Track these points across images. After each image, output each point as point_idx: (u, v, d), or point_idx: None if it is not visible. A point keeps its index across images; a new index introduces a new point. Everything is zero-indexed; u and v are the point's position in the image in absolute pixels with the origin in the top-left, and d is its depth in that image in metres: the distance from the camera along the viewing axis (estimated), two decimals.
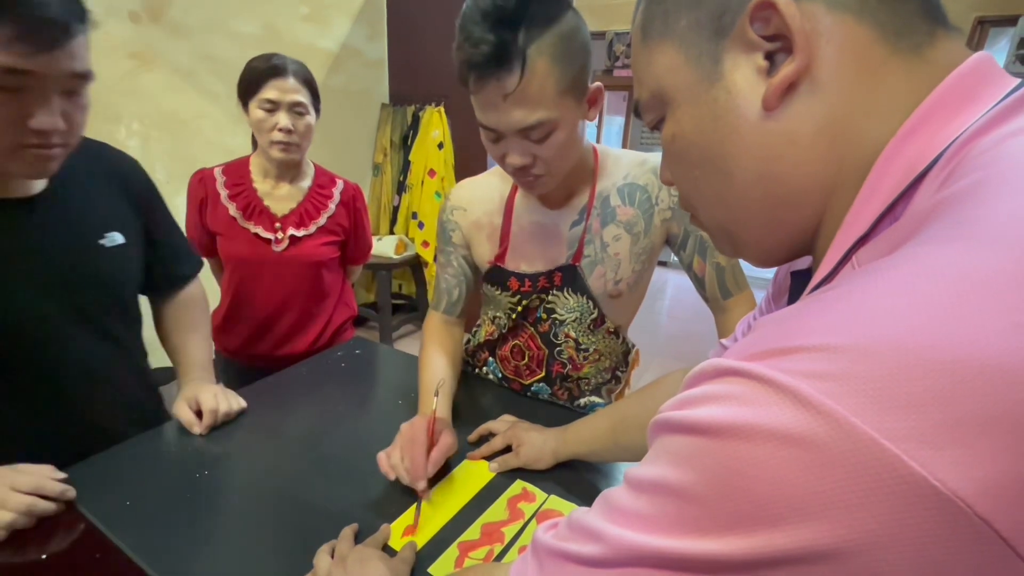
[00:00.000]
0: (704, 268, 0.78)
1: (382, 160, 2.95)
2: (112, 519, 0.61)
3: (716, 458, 0.21)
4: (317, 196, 1.20)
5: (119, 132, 1.85)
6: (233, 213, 1.12)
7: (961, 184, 0.22)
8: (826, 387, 0.19)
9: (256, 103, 1.05)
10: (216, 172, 1.15)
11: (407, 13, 2.79)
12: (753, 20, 0.29)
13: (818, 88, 0.28)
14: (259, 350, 1.22)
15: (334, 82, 2.63)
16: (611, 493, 0.27)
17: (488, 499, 0.67)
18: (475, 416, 0.84)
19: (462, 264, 0.90)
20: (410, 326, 3.13)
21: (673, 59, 0.33)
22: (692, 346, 3.18)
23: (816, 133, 0.28)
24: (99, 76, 1.12)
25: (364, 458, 0.73)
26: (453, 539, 0.61)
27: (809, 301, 0.23)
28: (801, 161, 0.29)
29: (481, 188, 0.87)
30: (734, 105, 0.30)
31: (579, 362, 0.87)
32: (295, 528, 0.62)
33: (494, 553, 0.59)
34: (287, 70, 1.05)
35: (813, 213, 0.31)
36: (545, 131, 0.64)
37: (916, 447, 0.17)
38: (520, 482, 0.71)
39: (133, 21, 1.83)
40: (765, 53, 0.29)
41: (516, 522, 0.64)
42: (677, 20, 0.32)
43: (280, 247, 1.14)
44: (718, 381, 0.23)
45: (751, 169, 0.31)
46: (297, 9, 2.38)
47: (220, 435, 0.79)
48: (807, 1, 0.28)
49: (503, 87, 0.61)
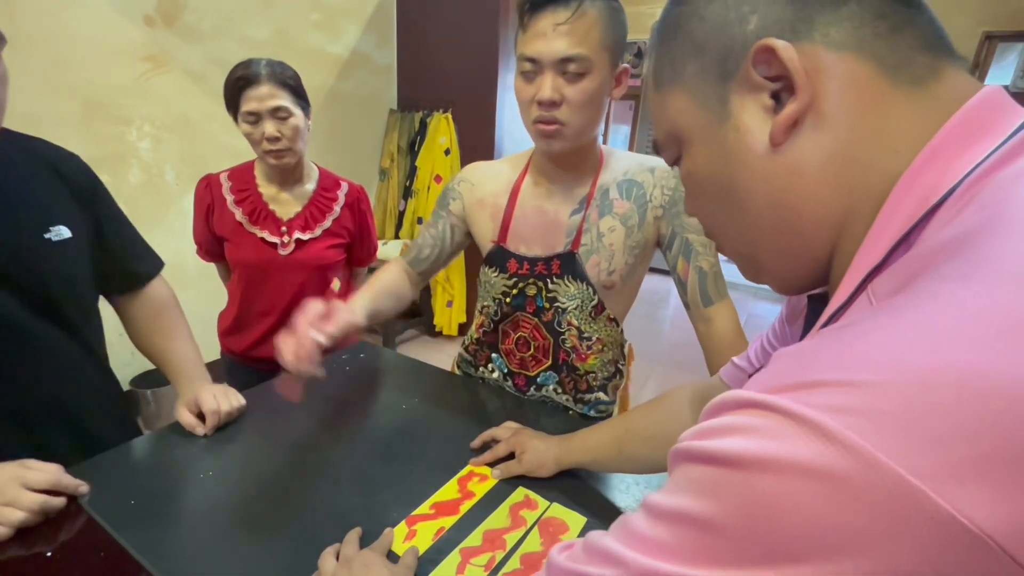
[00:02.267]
0: (687, 271, 0.80)
1: (389, 165, 2.97)
2: (117, 518, 0.62)
3: (740, 490, 0.21)
4: (322, 199, 1.20)
5: (130, 134, 1.88)
6: (239, 218, 1.13)
7: (978, 219, 0.23)
8: (851, 422, 0.19)
9: (241, 117, 1.04)
10: (222, 178, 1.16)
11: (416, 21, 2.82)
12: (756, 63, 0.30)
13: (823, 123, 0.29)
14: (265, 353, 1.22)
15: (343, 87, 2.66)
16: (629, 518, 0.27)
17: (491, 505, 0.68)
18: (478, 422, 0.84)
19: (446, 231, 0.94)
20: (413, 331, 3.14)
21: (684, 103, 0.35)
22: (694, 354, 3.16)
23: (823, 165, 0.29)
24: (112, 78, 1.12)
25: (367, 461, 0.73)
26: (455, 545, 0.61)
27: (830, 335, 0.23)
28: (810, 191, 0.30)
29: (493, 170, 0.92)
30: (743, 143, 0.32)
31: (583, 351, 0.88)
32: (298, 530, 0.62)
33: (495, 560, 0.59)
34: (259, 77, 1.01)
35: (826, 241, 0.32)
36: (581, 68, 0.70)
37: (943, 483, 0.17)
38: (522, 489, 0.71)
39: (148, 25, 1.86)
40: (770, 92, 0.30)
41: (518, 529, 0.64)
42: (684, 67, 0.34)
43: (286, 251, 1.15)
44: (741, 412, 0.23)
45: (763, 201, 0.32)
46: (308, 15, 2.40)
47: (225, 437, 0.79)
48: (807, 42, 0.29)
49: (556, 17, 0.69)
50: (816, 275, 0.35)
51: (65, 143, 0.82)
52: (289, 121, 1.05)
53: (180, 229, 2.08)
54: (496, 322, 0.94)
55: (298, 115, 1.07)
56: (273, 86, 1.03)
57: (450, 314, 3.00)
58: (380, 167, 3.03)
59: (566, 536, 0.63)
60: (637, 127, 4.78)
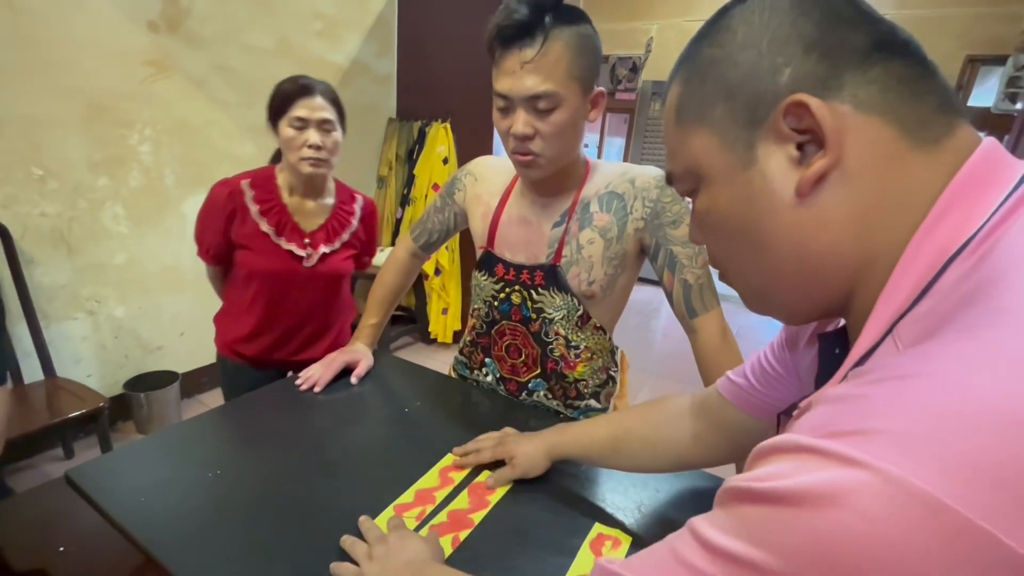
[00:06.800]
0: (672, 284, 0.81)
1: (387, 173, 2.99)
2: (127, 515, 0.62)
3: (804, 532, 0.22)
4: (341, 213, 1.25)
5: (131, 137, 1.89)
6: (265, 229, 1.15)
7: (994, 270, 0.24)
8: (914, 468, 0.20)
9: (286, 122, 1.09)
10: (244, 186, 1.15)
11: (417, 32, 2.87)
12: (786, 115, 0.31)
13: (847, 179, 0.30)
14: (278, 356, 1.25)
15: (343, 95, 2.60)
16: (681, 548, 0.28)
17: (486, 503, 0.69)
18: (469, 424, 0.86)
19: (450, 218, 1.02)
20: (408, 338, 3.14)
21: (708, 142, 0.35)
22: (687, 364, 3.20)
23: (846, 219, 0.31)
24: (115, 82, 1.11)
25: (371, 462, 0.75)
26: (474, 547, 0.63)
27: (875, 383, 0.24)
28: (833, 243, 0.32)
29: (496, 168, 0.97)
30: (769, 189, 0.33)
31: (571, 360, 0.90)
32: (302, 527, 0.63)
33: (425, 512, 0.66)
34: (315, 90, 1.10)
35: (844, 285, 0.33)
36: (551, 104, 0.72)
37: (1011, 525, 0.18)
38: (451, 456, 0.77)
39: (152, 30, 1.88)
40: (796, 144, 0.31)
41: (446, 487, 0.71)
42: (712, 108, 0.35)
43: (310, 263, 1.19)
44: (799, 457, 0.23)
45: (785, 247, 0.33)
46: (311, 25, 2.44)
47: (231, 436, 0.80)
48: (836, 102, 0.30)
49: (523, 55, 0.70)
50: (825, 312, 0.36)
51: (67, 145, 0.83)
52: (332, 135, 1.12)
53: (179, 232, 2.08)
54: (488, 324, 0.96)
55: (339, 132, 1.15)
56: (326, 101, 1.11)
57: (445, 321, 3.01)
58: (378, 175, 3.05)
59: (492, 498, 0.70)
60: (631, 140, 4.85)
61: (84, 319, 1.90)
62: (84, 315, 1.90)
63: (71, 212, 1.77)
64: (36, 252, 1.73)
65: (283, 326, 1.23)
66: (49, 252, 1.76)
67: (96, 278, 1.89)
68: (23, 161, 1.63)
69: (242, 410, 0.90)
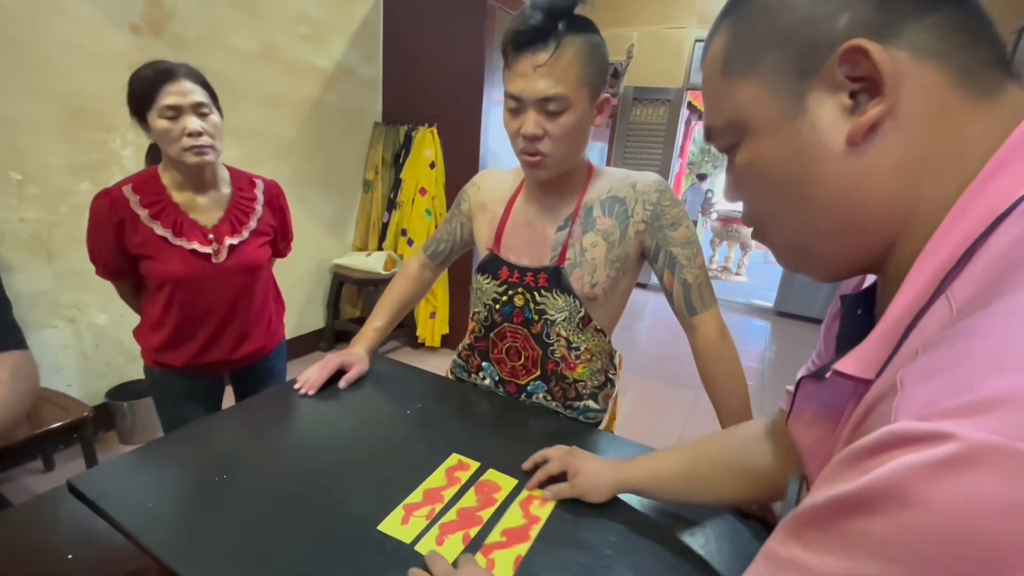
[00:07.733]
0: (672, 283, 0.85)
1: (373, 177, 2.98)
2: (135, 520, 0.62)
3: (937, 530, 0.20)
4: (241, 200, 1.17)
5: (114, 141, 1.85)
6: (161, 233, 1.06)
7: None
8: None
9: (156, 113, 0.99)
10: (126, 192, 1.06)
11: (402, 36, 2.87)
12: (842, 62, 0.30)
13: (900, 128, 0.30)
14: (215, 358, 1.19)
15: (328, 99, 2.67)
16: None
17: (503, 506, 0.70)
18: (471, 423, 0.87)
19: (459, 229, 1.05)
20: (396, 343, 3.13)
21: (756, 93, 0.34)
22: (670, 365, 3.26)
23: (896, 169, 0.31)
24: (97, 85, 1.07)
25: (375, 463, 0.75)
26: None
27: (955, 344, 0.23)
28: (880, 193, 0.31)
29: (499, 178, 1.00)
30: (818, 139, 0.32)
31: (572, 361, 0.92)
32: (312, 530, 0.64)
33: (435, 511, 0.67)
34: (178, 73, 1.00)
35: (885, 238, 0.33)
36: (560, 106, 0.75)
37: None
38: (455, 455, 0.78)
39: (134, 33, 1.85)
40: (849, 92, 0.31)
41: (454, 486, 0.72)
42: (763, 58, 0.34)
43: (219, 259, 1.12)
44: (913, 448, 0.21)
45: (831, 198, 0.33)
46: (296, 28, 2.42)
47: (234, 441, 0.80)
48: (894, 47, 0.29)
49: (536, 59, 0.73)
50: (861, 267, 0.36)
51: (47, 149, 0.82)
52: (210, 117, 1.04)
53: None
54: (487, 328, 0.97)
55: (216, 114, 1.06)
56: (193, 82, 1.01)
57: (433, 326, 3.01)
58: (364, 179, 3.04)
59: (499, 495, 0.70)
60: (613, 145, 4.91)
61: (64, 327, 1.86)
62: (64, 323, 1.85)
63: (51, 217, 1.73)
64: (15, 259, 1.68)
65: (208, 328, 1.16)
66: (28, 259, 1.71)
67: (77, 285, 1.85)
68: (1, 166, 1.59)
69: (244, 414, 0.90)
